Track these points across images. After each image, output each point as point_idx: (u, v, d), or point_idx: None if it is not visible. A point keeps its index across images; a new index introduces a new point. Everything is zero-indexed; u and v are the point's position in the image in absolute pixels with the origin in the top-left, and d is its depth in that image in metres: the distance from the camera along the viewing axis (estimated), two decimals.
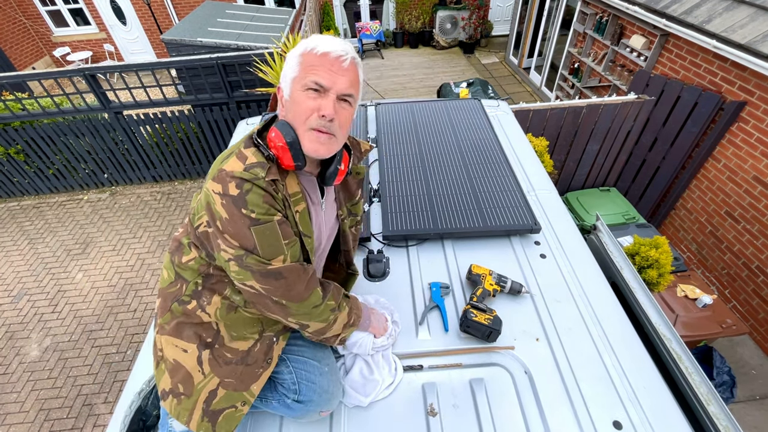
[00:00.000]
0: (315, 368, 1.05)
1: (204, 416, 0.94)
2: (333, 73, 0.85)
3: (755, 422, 2.92)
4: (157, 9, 8.11)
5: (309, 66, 0.86)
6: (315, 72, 0.85)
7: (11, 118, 4.38)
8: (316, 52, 0.85)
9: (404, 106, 2.35)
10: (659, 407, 1.09)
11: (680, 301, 2.98)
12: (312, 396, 1.02)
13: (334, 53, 0.85)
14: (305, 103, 0.86)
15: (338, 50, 0.86)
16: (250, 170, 0.83)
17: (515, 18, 7.40)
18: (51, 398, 3.15)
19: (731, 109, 3.29)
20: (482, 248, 1.56)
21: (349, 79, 0.88)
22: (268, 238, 0.85)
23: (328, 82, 0.85)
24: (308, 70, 0.85)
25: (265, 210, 0.83)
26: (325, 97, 0.86)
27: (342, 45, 0.87)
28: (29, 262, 4.31)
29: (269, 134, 0.89)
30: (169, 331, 0.98)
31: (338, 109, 0.88)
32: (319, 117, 0.86)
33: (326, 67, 0.85)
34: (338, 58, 0.86)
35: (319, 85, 0.85)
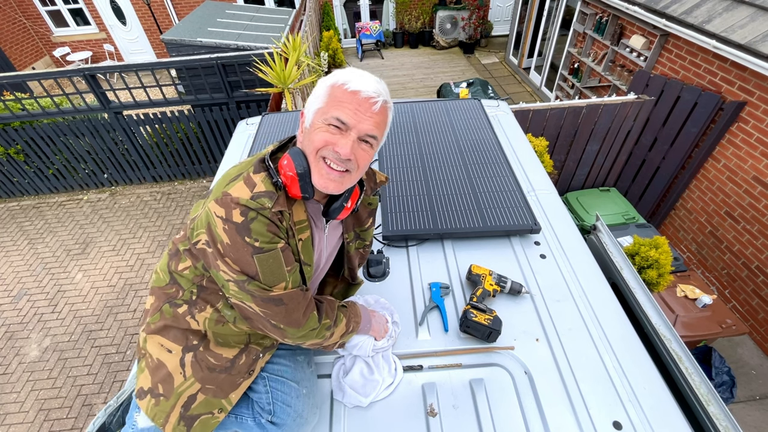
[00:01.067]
0: (292, 390, 1.04)
1: (181, 420, 0.94)
2: (360, 113, 0.81)
3: (755, 422, 2.92)
4: (157, 9, 8.11)
5: (336, 101, 0.81)
6: (340, 108, 0.81)
7: (11, 118, 4.38)
8: (347, 88, 0.81)
9: (404, 106, 2.35)
10: (659, 407, 1.09)
11: (680, 301, 2.98)
12: (286, 419, 1.00)
13: (365, 93, 0.81)
14: (322, 134, 0.82)
15: (370, 91, 0.81)
16: (258, 199, 0.80)
17: (515, 18, 7.40)
18: (51, 398, 3.15)
19: (731, 109, 3.29)
20: (482, 248, 1.56)
21: (376, 122, 0.84)
22: (270, 266, 0.83)
23: (351, 121, 0.81)
24: (333, 105, 0.81)
25: (269, 239, 0.82)
26: (346, 135, 0.82)
27: (376, 86, 0.83)
28: (29, 262, 4.31)
29: (281, 161, 0.86)
30: (156, 330, 0.97)
31: (357, 149, 0.83)
32: (334, 152, 0.82)
33: (353, 106, 0.81)
34: (368, 99, 0.81)
35: (341, 122, 0.81)
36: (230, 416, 1.03)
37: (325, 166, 0.84)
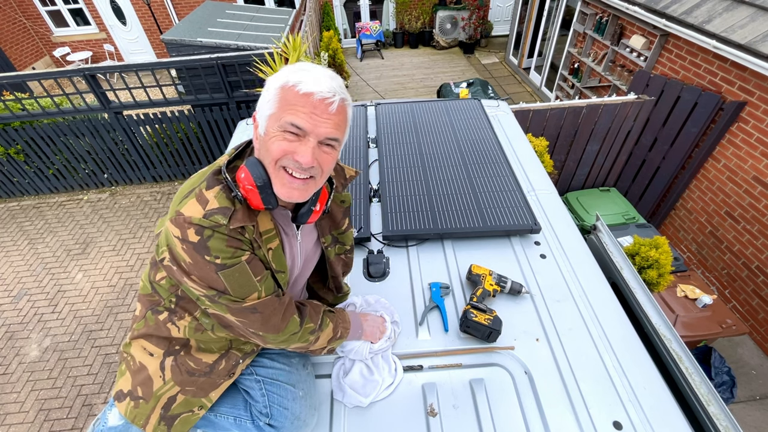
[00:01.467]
0: (289, 392, 1.03)
1: (161, 420, 0.94)
2: (316, 116, 0.75)
3: (755, 422, 2.92)
4: (157, 9, 8.11)
5: (289, 105, 0.74)
6: (295, 113, 0.74)
7: (11, 118, 4.38)
8: (299, 90, 0.74)
9: (404, 106, 2.35)
10: (659, 407, 1.09)
11: (680, 301, 2.98)
12: (284, 422, 1.01)
13: (320, 94, 0.74)
14: (279, 143, 0.76)
15: (324, 91, 0.74)
16: (211, 217, 0.75)
17: (515, 18, 7.40)
18: (51, 398, 3.15)
19: (731, 109, 3.29)
20: (482, 248, 1.56)
21: (335, 122, 0.77)
22: (238, 280, 0.80)
23: (308, 126, 0.75)
24: (287, 110, 0.74)
25: (231, 254, 0.78)
26: (305, 142, 0.76)
27: (329, 83, 0.76)
28: (29, 262, 4.31)
29: (239, 173, 0.80)
30: (139, 335, 0.98)
31: (319, 154, 0.78)
32: (294, 161, 0.77)
33: (308, 109, 0.74)
34: (324, 101, 0.74)
35: (297, 127, 0.75)
36: (229, 418, 1.04)
37: (287, 176, 0.79)
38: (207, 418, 1.04)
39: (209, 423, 1.05)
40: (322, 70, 0.78)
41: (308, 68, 0.77)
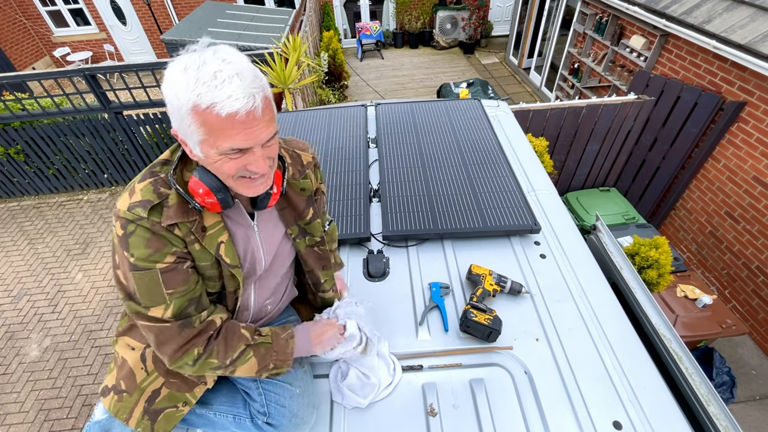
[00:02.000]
0: (286, 391, 1.03)
1: (144, 414, 0.94)
2: (251, 132, 0.70)
3: (755, 422, 2.92)
4: (157, 9, 8.11)
5: (217, 131, 0.68)
6: (228, 138, 0.69)
7: (11, 118, 4.38)
8: (219, 113, 0.66)
9: (404, 106, 2.35)
10: (659, 407, 1.09)
11: (680, 301, 2.98)
12: (282, 420, 1.01)
13: (243, 110, 0.66)
14: (227, 165, 0.73)
15: (244, 101, 0.66)
16: (133, 210, 0.74)
17: (515, 18, 7.40)
18: (51, 398, 3.15)
19: (731, 109, 3.29)
20: (482, 248, 1.56)
21: (267, 121, 0.72)
22: (146, 285, 0.78)
23: (249, 144, 0.71)
24: (217, 136, 0.68)
25: (146, 256, 0.76)
26: (251, 153, 0.73)
27: (243, 88, 0.66)
28: (29, 262, 4.31)
29: (192, 186, 0.78)
30: (123, 331, 0.99)
31: (266, 152, 0.76)
32: (249, 171, 0.75)
33: (241, 130, 0.68)
34: (250, 113, 0.68)
35: (239, 149, 0.71)
36: (228, 417, 1.04)
37: (247, 180, 0.78)
38: (206, 416, 1.04)
39: (209, 421, 1.05)
40: (226, 71, 0.66)
41: (208, 71, 0.66)
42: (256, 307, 1.07)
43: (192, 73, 0.66)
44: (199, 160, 0.77)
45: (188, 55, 0.69)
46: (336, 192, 1.78)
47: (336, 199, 1.74)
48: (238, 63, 0.69)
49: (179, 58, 0.69)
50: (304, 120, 2.28)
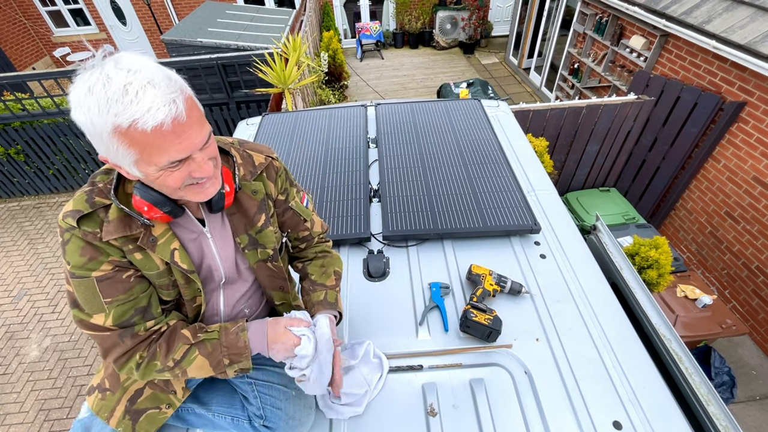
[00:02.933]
0: (281, 393, 1.03)
1: (126, 414, 0.94)
2: (183, 139, 0.66)
3: (755, 422, 2.92)
4: (157, 9, 8.11)
5: (149, 147, 0.64)
6: (162, 153, 0.65)
7: (11, 119, 4.38)
8: (145, 129, 0.61)
9: (404, 107, 2.35)
10: (659, 407, 1.09)
11: (680, 301, 2.98)
12: (278, 422, 1.00)
13: (168, 119, 0.62)
14: (171, 177, 0.70)
15: (166, 110, 0.62)
16: (65, 219, 0.74)
17: (515, 18, 7.40)
18: (51, 398, 3.15)
19: (731, 109, 3.29)
20: (482, 248, 1.56)
21: (197, 124, 0.68)
22: (84, 293, 0.77)
23: (186, 153, 0.68)
24: (151, 152, 0.64)
25: (81, 264, 0.75)
26: (191, 161, 0.70)
27: (159, 94, 0.62)
28: (29, 262, 4.31)
29: (137, 204, 0.76)
30: None
31: (206, 153, 0.73)
32: (194, 178, 0.72)
33: (172, 141, 0.64)
34: (176, 121, 0.63)
35: (177, 161, 0.68)
36: (227, 418, 1.04)
37: (196, 186, 0.75)
38: (206, 417, 1.04)
39: (208, 422, 1.05)
40: (136, 82, 0.61)
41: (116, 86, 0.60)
42: (229, 312, 1.04)
43: (100, 94, 0.60)
44: (139, 178, 0.73)
45: (88, 73, 0.62)
46: (336, 192, 1.79)
47: (336, 199, 1.74)
48: (146, 69, 0.63)
49: (79, 78, 0.62)
50: (304, 120, 2.28)
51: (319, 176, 1.87)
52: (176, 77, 0.68)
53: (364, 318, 1.34)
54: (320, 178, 1.86)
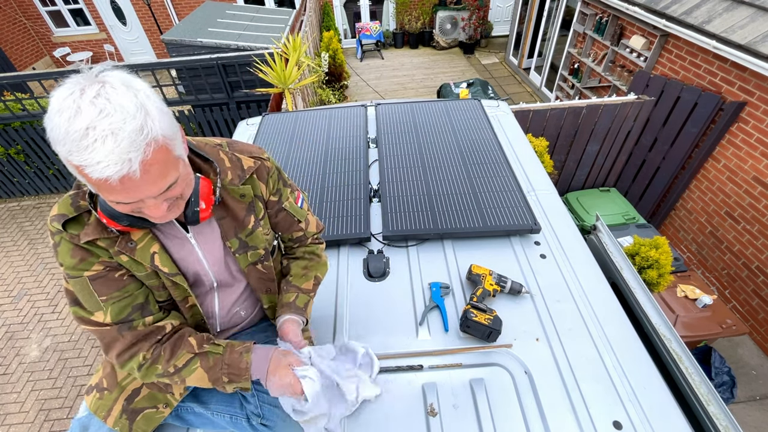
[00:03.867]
0: None
1: (123, 413, 0.95)
2: (131, 192, 0.63)
3: (755, 422, 2.92)
4: (157, 9, 8.11)
5: (95, 186, 0.62)
6: (110, 194, 0.63)
7: (11, 119, 4.38)
8: (91, 176, 0.58)
9: (404, 107, 2.35)
10: (659, 407, 1.09)
11: (680, 301, 2.98)
12: (276, 420, 1.01)
13: (115, 176, 0.58)
14: (119, 207, 0.68)
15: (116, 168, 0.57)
16: (52, 223, 0.76)
17: (515, 18, 7.40)
18: (51, 398, 3.15)
19: (731, 109, 3.29)
20: (482, 248, 1.56)
21: (155, 178, 0.63)
22: (81, 292, 0.79)
23: (134, 199, 0.64)
24: (101, 191, 0.63)
25: (73, 264, 0.77)
26: (140, 203, 0.67)
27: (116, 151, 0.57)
28: (29, 262, 4.31)
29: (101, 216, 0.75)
30: None
31: (165, 195, 0.68)
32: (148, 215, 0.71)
33: (118, 192, 0.62)
34: (125, 179, 0.59)
35: (125, 203, 0.66)
36: (225, 417, 1.04)
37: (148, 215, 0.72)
38: (204, 416, 1.04)
39: (207, 421, 1.05)
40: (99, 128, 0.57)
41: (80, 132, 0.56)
42: (224, 315, 1.05)
43: (63, 123, 0.57)
44: None
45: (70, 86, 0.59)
46: (336, 192, 1.79)
47: (336, 199, 1.74)
48: (118, 115, 0.58)
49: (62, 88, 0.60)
50: (304, 120, 2.28)
51: (319, 176, 1.87)
52: (151, 126, 0.61)
53: (364, 318, 1.34)
54: (320, 178, 1.86)
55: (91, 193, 0.77)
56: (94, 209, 0.76)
